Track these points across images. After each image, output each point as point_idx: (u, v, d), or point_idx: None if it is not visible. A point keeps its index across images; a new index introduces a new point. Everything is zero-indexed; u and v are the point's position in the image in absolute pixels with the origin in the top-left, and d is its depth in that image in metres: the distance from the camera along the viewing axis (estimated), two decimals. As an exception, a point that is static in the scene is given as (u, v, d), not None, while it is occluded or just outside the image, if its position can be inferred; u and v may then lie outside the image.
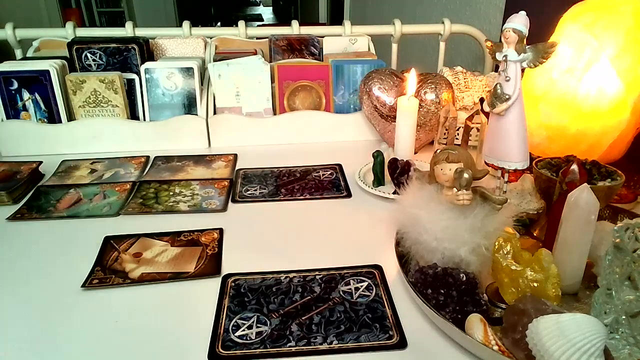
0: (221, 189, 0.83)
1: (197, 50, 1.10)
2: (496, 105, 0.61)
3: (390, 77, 0.94)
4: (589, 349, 0.40)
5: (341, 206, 0.78)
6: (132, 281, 0.59)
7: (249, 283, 0.59)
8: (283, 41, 1.12)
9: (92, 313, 0.54)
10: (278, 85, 1.02)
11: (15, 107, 0.95)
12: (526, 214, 0.65)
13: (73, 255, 0.65)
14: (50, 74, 0.93)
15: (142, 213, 0.76)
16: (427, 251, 0.55)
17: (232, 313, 0.54)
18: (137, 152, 0.97)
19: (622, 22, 0.72)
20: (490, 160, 0.66)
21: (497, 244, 0.53)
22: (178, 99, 1.00)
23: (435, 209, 0.55)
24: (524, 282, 0.51)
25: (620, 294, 0.46)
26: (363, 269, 0.61)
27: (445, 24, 1.21)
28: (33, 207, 0.77)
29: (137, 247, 0.66)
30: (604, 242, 0.55)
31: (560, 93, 0.76)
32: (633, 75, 0.72)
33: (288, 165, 0.92)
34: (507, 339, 0.46)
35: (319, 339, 0.50)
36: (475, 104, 0.98)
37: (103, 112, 0.97)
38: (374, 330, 0.51)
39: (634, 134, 0.77)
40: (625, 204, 0.72)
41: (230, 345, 0.49)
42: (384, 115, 0.94)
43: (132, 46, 0.99)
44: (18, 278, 0.60)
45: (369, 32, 1.19)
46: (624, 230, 0.46)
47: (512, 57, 0.60)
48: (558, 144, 0.78)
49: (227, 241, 0.68)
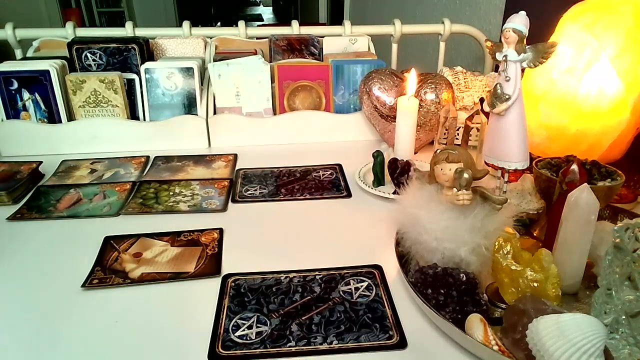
0: (221, 189, 0.83)
1: (197, 50, 1.10)
2: (496, 105, 0.61)
3: (390, 77, 0.94)
4: (589, 349, 0.40)
5: (341, 206, 0.78)
6: (132, 281, 0.59)
7: (249, 283, 0.59)
8: (283, 41, 1.12)
9: (92, 313, 0.54)
10: (278, 85, 1.02)
11: (15, 107, 0.95)
12: (526, 214, 0.65)
13: (73, 255, 0.65)
14: (50, 74, 0.93)
15: (142, 213, 0.76)
16: (427, 251, 0.55)
17: (232, 313, 0.54)
18: (137, 152, 0.97)
19: (622, 22, 0.72)
20: (490, 160, 0.66)
21: (497, 244, 0.53)
22: (178, 99, 1.00)
23: (435, 209, 0.55)
24: (524, 282, 0.51)
25: (620, 294, 0.46)
26: (363, 269, 0.61)
27: (445, 24, 1.21)
28: (33, 207, 0.77)
29: (137, 247, 0.66)
30: (604, 242, 0.55)
31: (560, 93, 0.76)
32: (633, 75, 0.72)
33: (288, 165, 0.92)
34: (507, 339, 0.46)
35: (319, 339, 0.50)
36: (475, 104, 0.98)
37: (103, 112, 0.97)
38: (374, 330, 0.51)
39: (634, 134, 0.77)
40: (625, 204, 0.72)
41: (231, 345, 0.49)
42: (384, 115, 0.94)
43: (132, 46, 0.99)
44: (18, 278, 0.60)
45: (369, 32, 1.19)
46: (624, 230, 0.46)
47: (512, 57, 0.60)
48: (558, 144, 0.78)
49: (227, 241, 0.68)
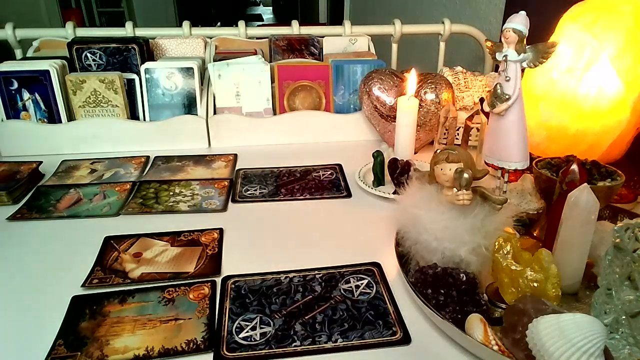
0: (221, 189, 0.83)
1: (197, 50, 1.10)
2: (496, 105, 0.61)
3: (390, 77, 0.94)
4: (589, 349, 0.40)
5: (341, 206, 0.78)
6: (132, 281, 0.59)
7: (249, 284, 0.59)
8: (283, 41, 1.12)
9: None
10: (278, 85, 1.02)
11: (15, 107, 0.95)
12: (526, 214, 0.65)
13: (73, 255, 0.65)
14: (50, 74, 0.93)
15: (142, 213, 0.76)
16: (427, 251, 0.55)
17: (234, 315, 0.54)
18: (137, 152, 0.97)
19: (622, 22, 0.72)
20: (490, 160, 0.66)
21: (497, 244, 0.53)
22: (178, 99, 1.00)
23: (435, 209, 0.55)
24: (524, 282, 0.51)
25: (620, 294, 0.46)
26: (362, 267, 0.62)
27: (445, 24, 1.21)
28: (33, 207, 0.77)
29: (137, 247, 0.66)
30: (604, 242, 0.55)
31: (560, 93, 0.76)
32: (633, 75, 0.72)
33: (288, 165, 0.92)
34: (507, 339, 0.46)
35: (324, 337, 0.50)
36: (475, 104, 0.98)
37: (103, 112, 0.97)
38: (377, 327, 0.52)
39: (634, 134, 0.77)
40: (625, 204, 0.72)
41: (235, 347, 0.49)
42: (384, 115, 0.94)
43: (132, 46, 0.99)
44: (18, 278, 0.60)
45: (369, 32, 1.19)
46: (624, 230, 0.46)
47: (512, 57, 0.60)
48: (558, 144, 0.78)
49: (227, 241, 0.68)
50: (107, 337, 0.51)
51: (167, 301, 0.56)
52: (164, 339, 0.50)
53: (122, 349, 0.49)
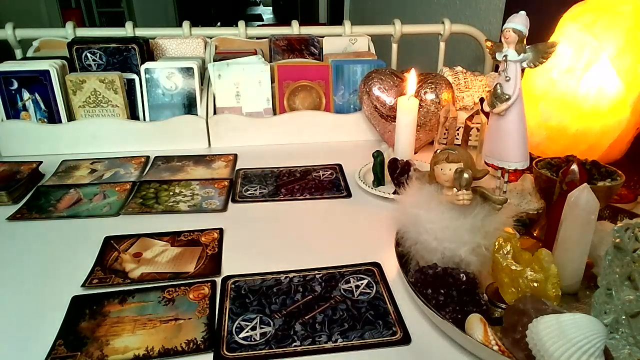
0: (221, 189, 0.83)
1: (197, 50, 1.10)
2: (496, 105, 0.61)
3: (390, 77, 0.94)
4: (589, 349, 0.40)
5: (341, 206, 0.78)
6: (132, 281, 0.59)
7: (249, 284, 0.59)
8: (283, 41, 1.12)
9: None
10: (278, 85, 1.02)
11: (15, 107, 0.95)
12: (526, 214, 0.65)
13: (73, 255, 0.65)
14: (50, 74, 0.93)
15: (142, 213, 0.76)
16: (427, 251, 0.55)
17: (234, 315, 0.54)
18: (137, 152, 0.96)
19: (622, 22, 0.72)
20: (490, 160, 0.66)
21: (497, 244, 0.53)
22: (178, 99, 1.00)
23: (435, 209, 0.55)
24: (524, 282, 0.51)
25: (620, 294, 0.46)
26: (362, 267, 0.62)
27: (445, 24, 1.21)
28: (33, 207, 0.77)
29: (137, 247, 0.66)
30: (604, 242, 0.55)
31: (560, 93, 0.76)
32: (633, 75, 0.72)
33: (288, 165, 0.92)
34: (507, 339, 0.46)
35: (324, 337, 0.50)
36: (475, 104, 0.98)
37: (103, 112, 0.97)
38: (377, 327, 0.52)
39: (634, 134, 0.77)
40: (625, 204, 0.72)
41: (235, 347, 0.49)
42: (384, 115, 0.94)
43: (132, 46, 0.99)
44: (18, 278, 0.60)
45: (369, 32, 1.19)
46: (624, 230, 0.46)
47: (512, 57, 0.60)
48: (558, 144, 0.78)
49: (227, 241, 0.68)
50: (107, 337, 0.51)
51: (167, 301, 0.56)
52: (164, 339, 0.50)
53: (122, 349, 0.49)
